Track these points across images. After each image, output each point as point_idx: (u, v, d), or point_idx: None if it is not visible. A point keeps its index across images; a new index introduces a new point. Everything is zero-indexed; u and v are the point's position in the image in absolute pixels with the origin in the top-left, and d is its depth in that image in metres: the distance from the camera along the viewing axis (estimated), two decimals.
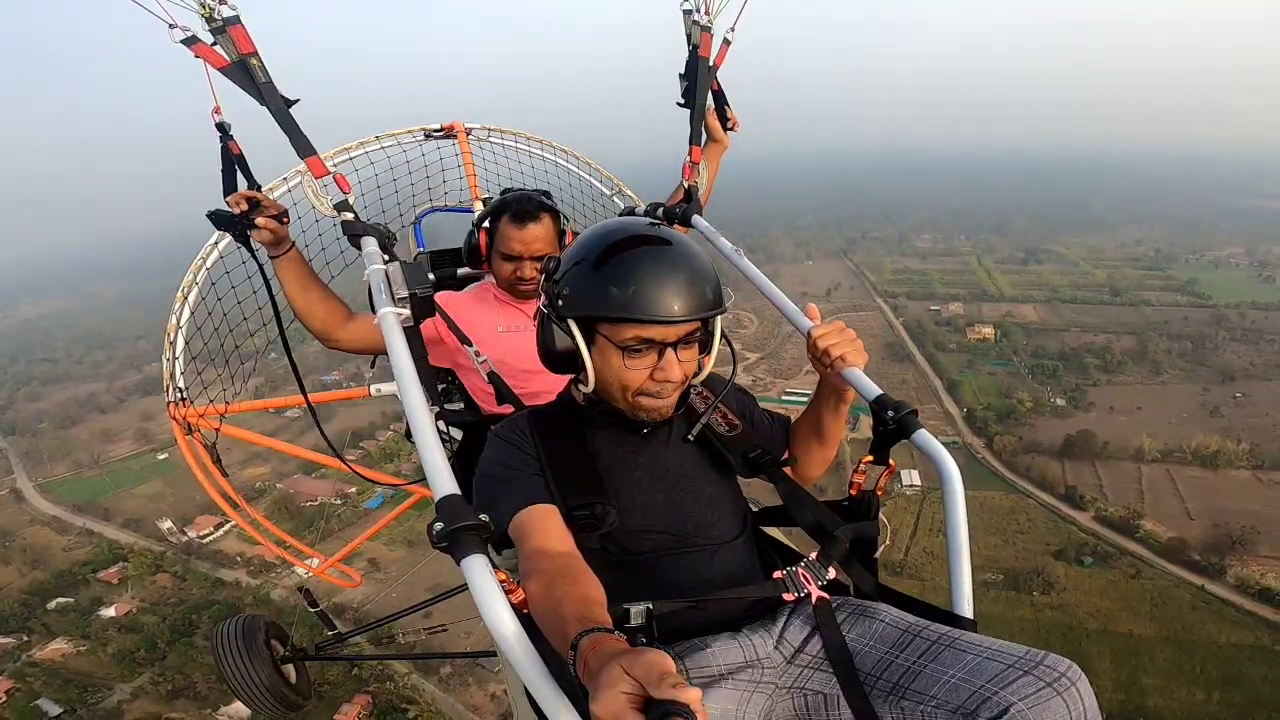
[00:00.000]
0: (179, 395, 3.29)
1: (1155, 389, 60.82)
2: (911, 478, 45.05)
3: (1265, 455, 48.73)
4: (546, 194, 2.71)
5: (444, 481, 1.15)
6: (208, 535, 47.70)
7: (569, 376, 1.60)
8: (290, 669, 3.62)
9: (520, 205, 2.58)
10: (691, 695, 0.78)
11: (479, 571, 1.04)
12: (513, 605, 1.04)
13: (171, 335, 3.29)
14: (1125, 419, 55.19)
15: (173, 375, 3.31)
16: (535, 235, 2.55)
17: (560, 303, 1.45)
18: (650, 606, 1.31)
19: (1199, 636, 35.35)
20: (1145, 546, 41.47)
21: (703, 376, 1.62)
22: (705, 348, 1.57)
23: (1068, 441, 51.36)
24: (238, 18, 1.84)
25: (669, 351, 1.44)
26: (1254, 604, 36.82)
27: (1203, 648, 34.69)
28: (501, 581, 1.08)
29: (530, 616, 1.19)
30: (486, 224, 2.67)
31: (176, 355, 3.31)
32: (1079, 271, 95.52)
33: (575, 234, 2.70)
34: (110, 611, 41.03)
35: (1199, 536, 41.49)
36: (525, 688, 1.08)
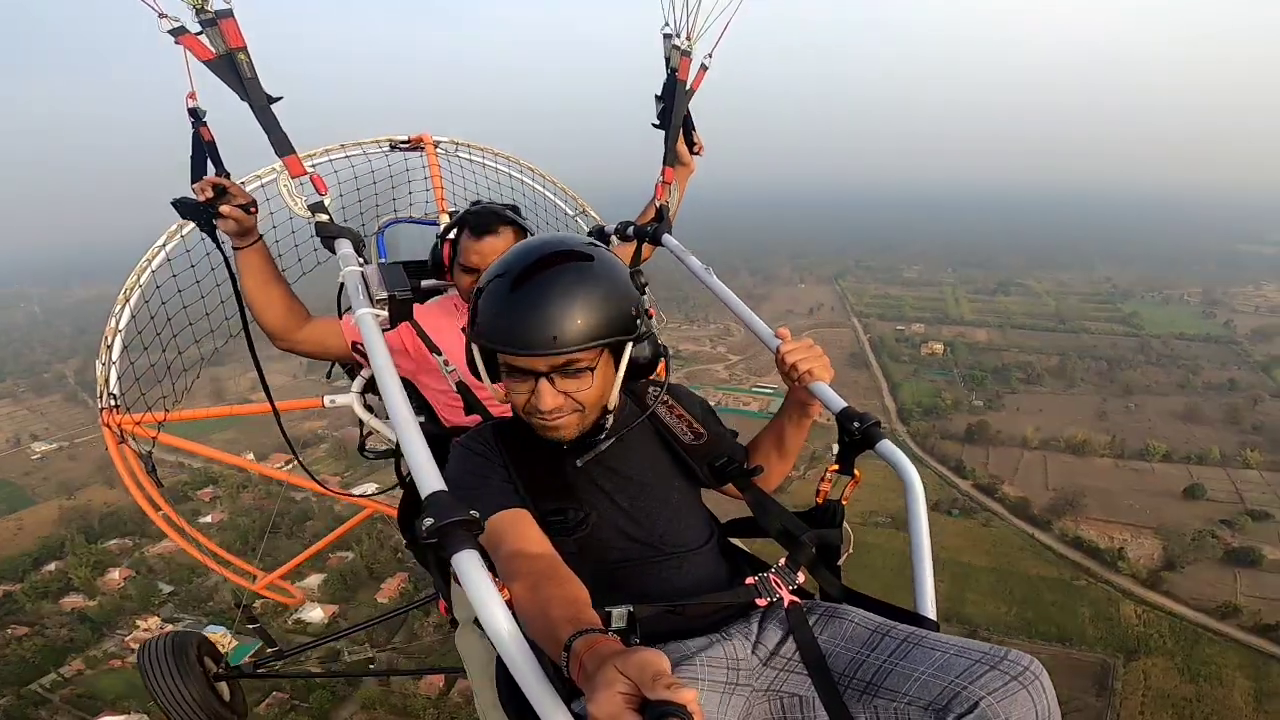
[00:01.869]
0: (113, 402, 3.20)
1: (1064, 398, 71.46)
2: None
3: (1125, 447, 59.59)
4: (515, 208, 2.71)
5: (431, 478, 1.14)
6: (280, 467, 60.26)
7: None
8: (224, 687, 3.51)
9: (479, 219, 2.59)
10: (687, 695, 0.78)
11: (473, 567, 1.02)
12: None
13: (110, 339, 3.18)
14: (1027, 417, 65.97)
15: (107, 381, 3.21)
16: (493, 248, 2.50)
17: (468, 325, 1.50)
18: (631, 609, 1.29)
19: (1017, 568, 45.86)
20: (1001, 505, 52.60)
21: (612, 403, 1.57)
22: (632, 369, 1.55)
23: (968, 429, 62.81)
24: (230, 11, 1.81)
25: (542, 381, 1.43)
26: (1066, 549, 47.51)
27: (1017, 576, 45.04)
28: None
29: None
30: (450, 236, 2.68)
31: (113, 360, 3.21)
32: (1039, 303, 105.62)
33: None
34: (207, 519, 50.80)
35: (1045, 501, 52.32)
36: (500, 700, 1.17)
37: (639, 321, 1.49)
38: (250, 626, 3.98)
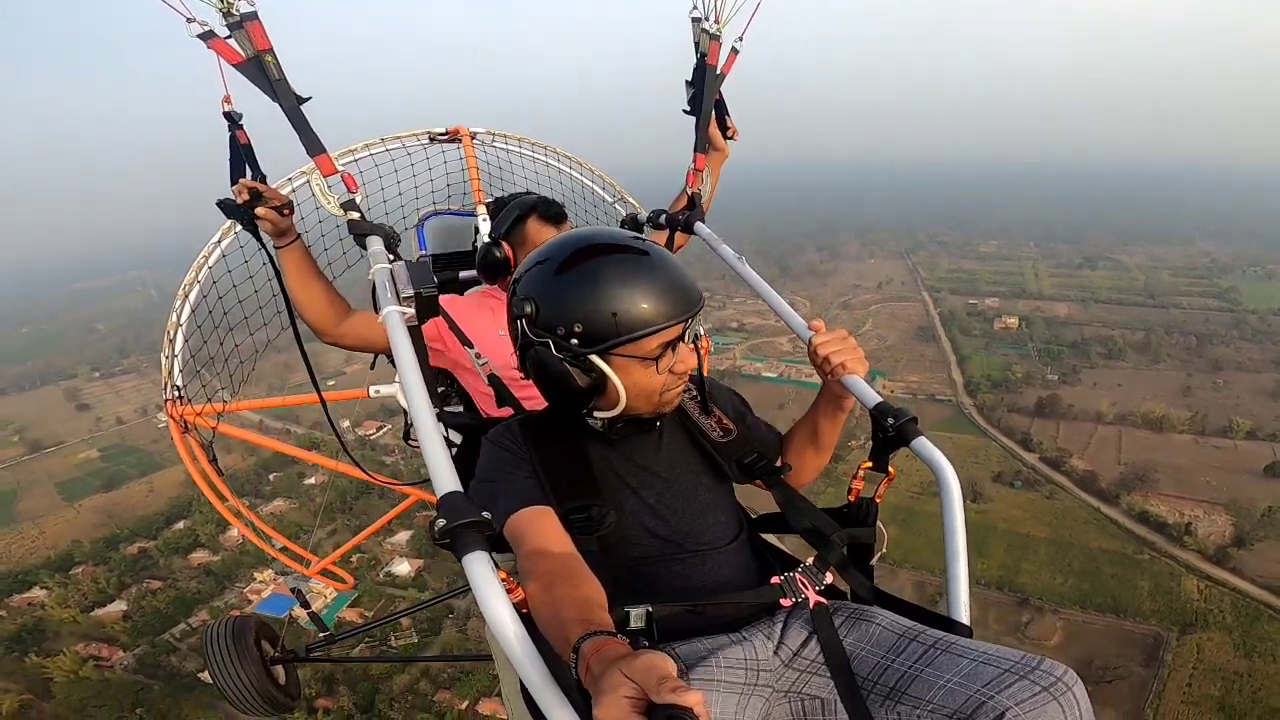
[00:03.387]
0: (176, 394, 3.30)
1: (1147, 373, 68.92)
2: None
3: (1207, 423, 57.36)
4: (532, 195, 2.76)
5: (446, 478, 1.16)
6: (372, 434, 60.29)
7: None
8: (279, 670, 3.63)
9: (549, 205, 2.63)
10: (693, 699, 0.78)
11: (480, 569, 1.04)
12: (513, 605, 1.05)
13: (171, 333, 3.27)
14: (1104, 392, 64.19)
15: (171, 373, 3.31)
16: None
17: (575, 341, 1.44)
18: (650, 609, 1.31)
19: (1077, 541, 45.49)
20: (1067, 478, 51.93)
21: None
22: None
23: (1039, 403, 61.65)
24: (256, 14, 1.83)
25: (681, 344, 1.51)
26: (1132, 523, 46.71)
27: (1077, 549, 44.70)
28: (502, 580, 1.08)
29: (529, 617, 1.18)
30: (498, 235, 2.66)
31: (176, 353, 3.30)
32: (1127, 277, 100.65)
33: None
34: (310, 480, 55.83)
35: (1114, 475, 51.37)
36: (522, 691, 1.15)
37: None
38: (304, 610, 4.20)
